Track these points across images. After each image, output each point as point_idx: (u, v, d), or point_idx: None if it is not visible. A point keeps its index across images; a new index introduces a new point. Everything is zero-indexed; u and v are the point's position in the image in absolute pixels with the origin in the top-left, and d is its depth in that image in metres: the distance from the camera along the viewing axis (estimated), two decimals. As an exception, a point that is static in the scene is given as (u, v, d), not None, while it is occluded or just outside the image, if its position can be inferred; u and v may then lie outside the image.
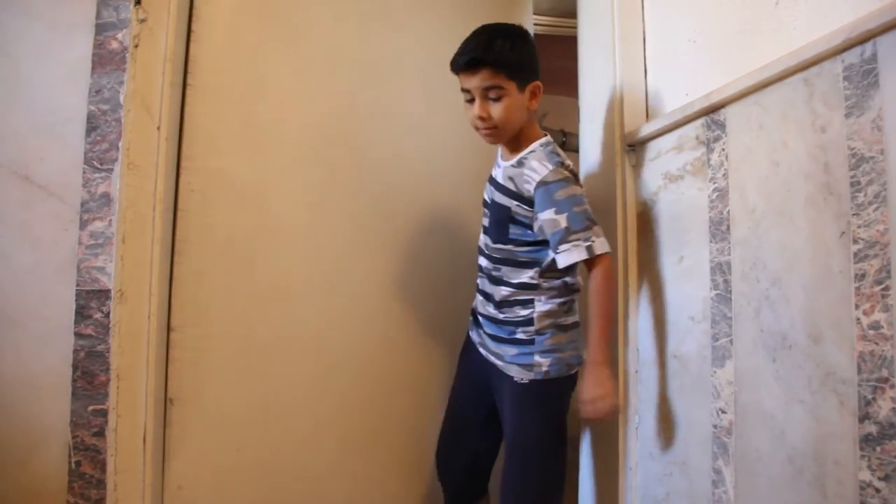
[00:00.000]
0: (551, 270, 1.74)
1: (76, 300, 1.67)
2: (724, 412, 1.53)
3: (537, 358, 1.72)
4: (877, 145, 1.15)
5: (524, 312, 1.75)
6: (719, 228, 1.56)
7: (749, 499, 1.46)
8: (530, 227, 1.72)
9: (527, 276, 1.75)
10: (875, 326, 1.14)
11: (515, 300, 1.76)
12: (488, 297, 1.82)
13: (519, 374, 1.74)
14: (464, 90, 1.68)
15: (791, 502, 1.33)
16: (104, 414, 1.67)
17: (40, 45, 1.71)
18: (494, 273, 1.79)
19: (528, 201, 1.69)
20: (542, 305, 1.74)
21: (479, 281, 1.89)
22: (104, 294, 1.68)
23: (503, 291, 1.77)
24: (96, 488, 1.66)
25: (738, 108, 1.53)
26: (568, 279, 1.78)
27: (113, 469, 1.68)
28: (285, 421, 2.00)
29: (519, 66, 1.65)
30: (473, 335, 1.92)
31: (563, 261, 1.66)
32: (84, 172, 1.70)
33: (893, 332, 1.12)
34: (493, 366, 1.82)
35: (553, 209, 1.64)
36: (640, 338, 1.92)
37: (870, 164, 1.16)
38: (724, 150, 1.56)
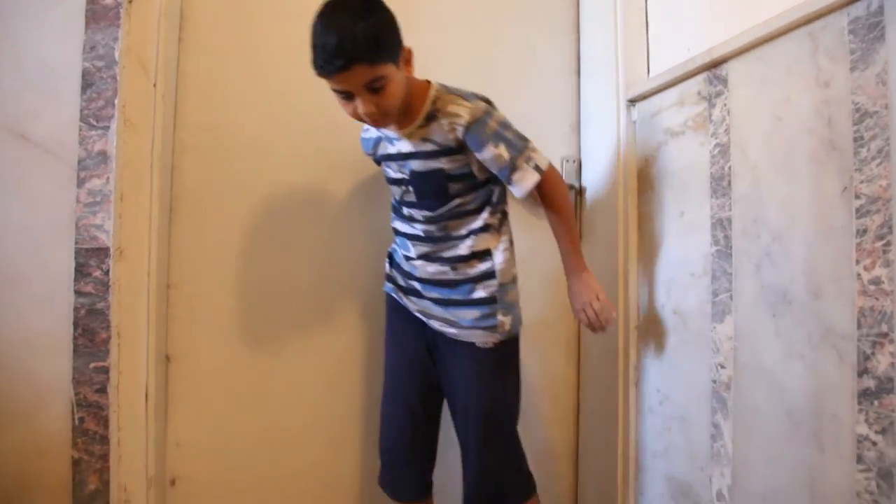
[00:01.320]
0: (498, 203, 1.70)
1: (75, 258, 1.67)
2: (723, 367, 1.54)
3: (500, 318, 1.65)
4: (881, 100, 1.14)
5: (483, 266, 1.67)
6: (720, 184, 1.56)
7: (747, 453, 1.47)
8: (468, 175, 1.64)
9: (480, 219, 1.67)
10: (875, 282, 1.14)
11: (472, 253, 1.67)
12: (432, 257, 1.70)
13: (482, 339, 1.66)
14: (334, 90, 1.51)
15: (789, 456, 1.35)
16: (106, 371, 1.68)
17: (31, 0, 1.68)
18: (439, 234, 1.69)
19: (457, 149, 1.61)
20: (499, 255, 1.67)
21: (409, 245, 1.74)
22: (103, 252, 1.68)
23: (458, 247, 1.68)
24: (100, 444, 1.67)
25: (740, 63, 1.51)
26: (506, 208, 1.74)
27: (116, 425, 1.69)
28: (287, 381, 2.01)
29: (390, 44, 1.47)
30: (406, 301, 1.79)
31: (521, 191, 1.59)
32: (80, 130, 1.69)
33: (894, 288, 1.12)
34: (439, 334, 1.72)
35: (491, 144, 1.56)
36: (640, 294, 1.92)
37: (874, 119, 1.15)
38: (725, 105, 1.55)
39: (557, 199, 1.65)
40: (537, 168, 1.59)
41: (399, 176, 1.70)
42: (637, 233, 1.94)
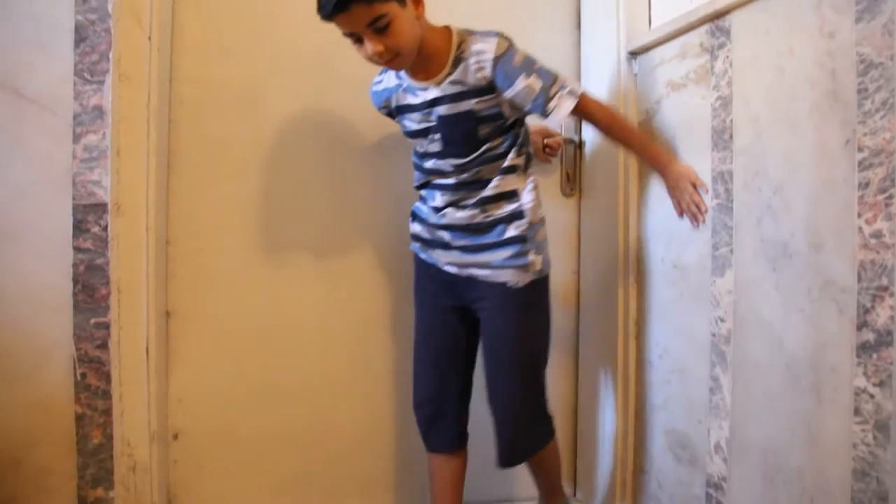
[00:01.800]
0: (523, 144, 1.71)
1: (73, 214, 1.66)
2: (722, 321, 1.55)
3: (531, 257, 1.67)
4: (887, 51, 1.13)
5: (511, 207, 1.67)
6: (722, 137, 1.55)
7: (746, 405, 1.48)
8: (497, 115, 1.63)
9: (507, 160, 1.67)
10: (877, 235, 1.14)
11: (500, 194, 1.67)
12: (460, 204, 1.69)
13: (515, 278, 1.66)
14: (345, 34, 1.52)
15: (787, 408, 1.36)
16: (106, 327, 1.68)
17: (21, -49, 1.65)
18: (470, 179, 1.68)
19: (487, 89, 1.60)
20: (527, 195, 1.68)
21: (437, 195, 1.73)
22: (101, 208, 1.67)
23: (485, 189, 1.67)
24: (102, 399, 1.69)
25: (743, 15, 1.49)
26: (531, 150, 1.76)
27: (118, 380, 1.70)
28: (287, 337, 2.02)
29: None
30: (435, 256, 1.78)
31: (556, 119, 1.60)
32: (75, 85, 1.67)
33: (895, 241, 1.12)
34: (471, 280, 1.72)
35: (522, 75, 1.56)
36: (640, 247, 1.92)
37: (878, 71, 1.14)
38: (728, 57, 1.53)
39: (605, 113, 1.68)
40: (572, 93, 1.59)
41: (424, 126, 1.68)
42: (637, 187, 1.93)
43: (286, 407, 2.02)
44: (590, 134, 2.14)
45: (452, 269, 1.74)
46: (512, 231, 1.67)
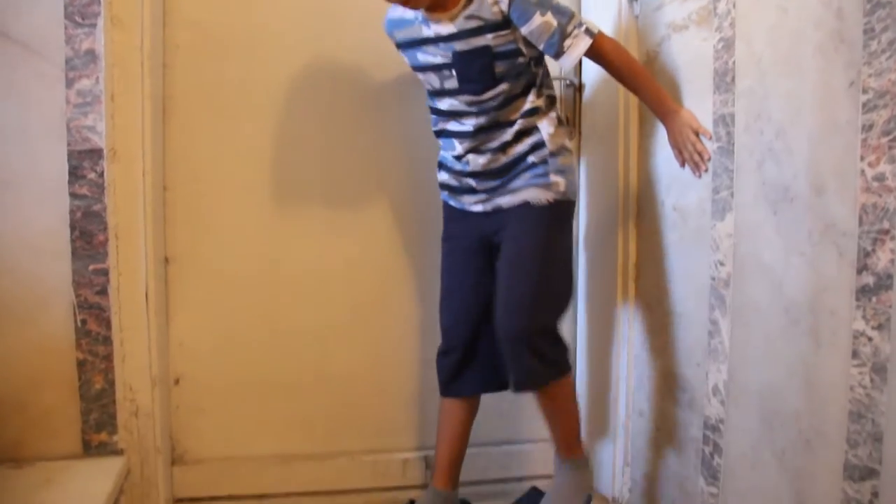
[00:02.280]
0: (544, 87, 1.71)
1: (69, 160, 1.65)
2: (722, 264, 1.55)
3: (553, 177, 1.66)
4: (894, -11, 1.11)
5: (531, 140, 1.68)
6: (724, 79, 1.52)
7: (744, 349, 1.49)
8: (515, 52, 1.61)
9: (528, 102, 1.67)
10: (879, 178, 1.13)
11: (520, 131, 1.67)
12: (481, 149, 1.70)
13: (537, 197, 1.66)
14: None
15: (785, 352, 1.36)
16: (105, 273, 1.68)
17: None
18: (488, 122, 1.68)
19: (503, 23, 1.57)
20: (546, 127, 1.68)
21: (455, 143, 1.73)
22: (96, 153, 1.65)
23: (506, 132, 1.68)
24: (103, 345, 1.69)
25: (748, -49, 1.46)
26: (552, 92, 1.75)
27: (118, 326, 1.70)
28: (288, 281, 2.02)
29: None
30: (463, 201, 1.78)
31: (570, 59, 1.60)
32: (66, 28, 1.63)
33: (897, 184, 1.11)
34: (498, 213, 1.72)
35: (538, 12, 1.55)
36: (640, 190, 1.91)
37: (886, 10, 1.12)
38: (731, -4, 1.50)
39: (621, 54, 1.66)
40: (589, 32, 1.58)
41: (439, 60, 1.67)
42: (637, 130, 1.91)
43: (288, 351, 2.04)
44: (590, 77, 2.11)
45: (478, 208, 1.76)
46: (532, 157, 1.67)
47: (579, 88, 2.15)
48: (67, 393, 1.69)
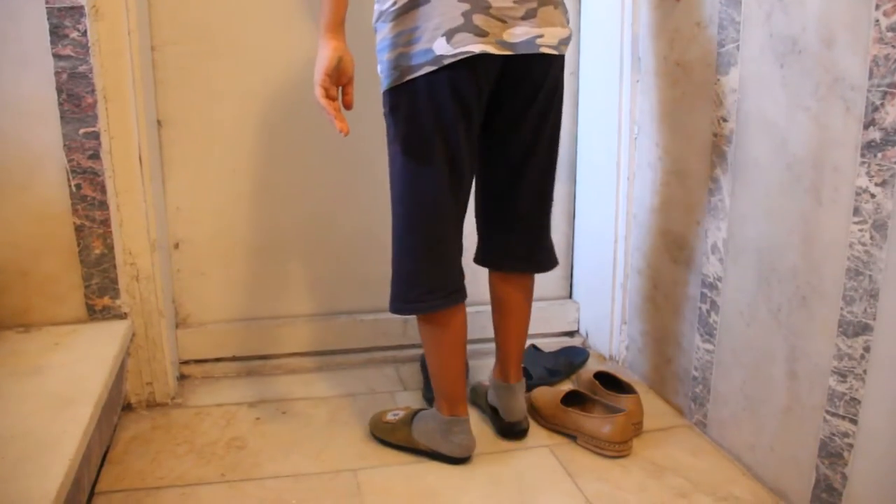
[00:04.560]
0: None
1: (48, 19, 1.58)
2: (725, 121, 1.51)
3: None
4: None
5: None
6: (734, -77, 1.45)
7: (745, 206, 1.48)
8: None
9: None
10: (894, 28, 1.09)
11: None
12: None
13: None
14: None
15: (786, 209, 1.35)
16: (97, 136, 1.65)
17: None
18: None
19: None
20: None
21: None
22: (78, 11, 1.58)
23: None
24: (100, 209, 1.68)
25: None
26: None
27: (113, 191, 1.69)
28: (284, 145, 1.98)
29: None
30: None
31: None
32: None
33: (911, 35, 1.07)
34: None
35: None
36: (642, 45, 1.85)
37: None
38: None
39: None
40: None
41: None
42: (640, -20, 1.84)
43: (285, 211, 2.03)
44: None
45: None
46: None
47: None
48: (68, 258, 1.69)
